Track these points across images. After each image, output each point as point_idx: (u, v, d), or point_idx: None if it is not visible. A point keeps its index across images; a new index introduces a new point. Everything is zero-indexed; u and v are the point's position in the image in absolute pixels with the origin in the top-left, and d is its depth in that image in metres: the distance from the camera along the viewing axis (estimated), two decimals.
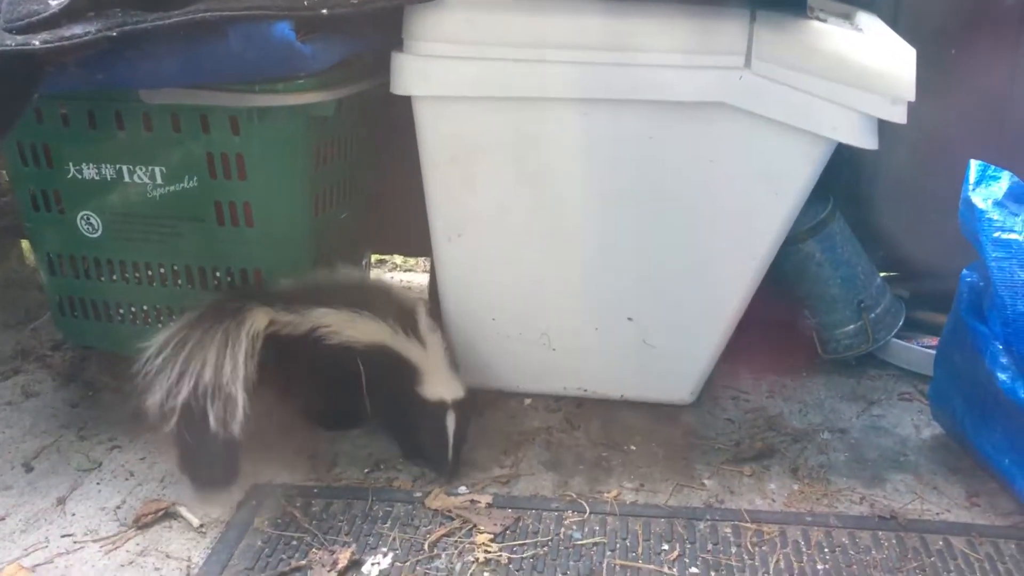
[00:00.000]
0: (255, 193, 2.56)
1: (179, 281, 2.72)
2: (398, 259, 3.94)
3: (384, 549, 2.14)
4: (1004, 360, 2.08)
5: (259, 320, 2.33)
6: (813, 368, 2.98)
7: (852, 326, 2.93)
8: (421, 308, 2.52)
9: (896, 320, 2.98)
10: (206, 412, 2.15)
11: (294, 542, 2.16)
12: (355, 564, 2.09)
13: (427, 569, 2.08)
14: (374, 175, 3.01)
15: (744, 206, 2.49)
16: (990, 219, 2.04)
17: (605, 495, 2.35)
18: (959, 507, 2.30)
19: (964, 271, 2.32)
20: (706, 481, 2.42)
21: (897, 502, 2.33)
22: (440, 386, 2.39)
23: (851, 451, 2.55)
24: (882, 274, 3.19)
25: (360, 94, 2.65)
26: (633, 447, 2.58)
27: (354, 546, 2.13)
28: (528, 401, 2.80)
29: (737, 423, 2.69)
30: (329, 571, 2.07)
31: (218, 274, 2.68)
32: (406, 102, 2.48)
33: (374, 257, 3.98)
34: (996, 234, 2.03)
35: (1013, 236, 2.01)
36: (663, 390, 2.77)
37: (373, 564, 2.10)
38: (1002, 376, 2.08)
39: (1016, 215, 2.03)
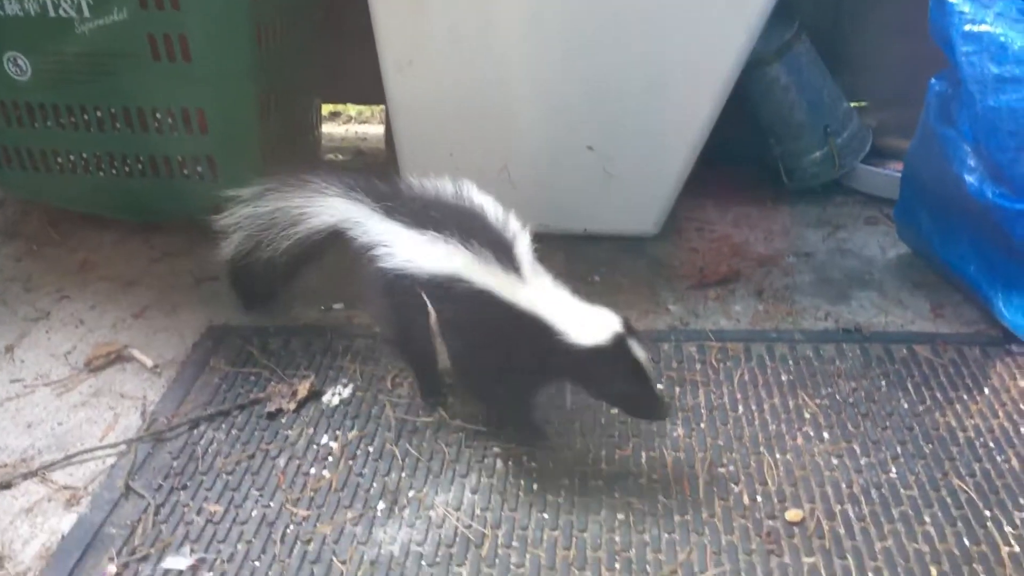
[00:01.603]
0: (191, 24, 2.40)
1: (117, 125, 2.58)
2: (352, 110, 3.80)
3: (345, 380, 2.10)
4: (972, 162, 2.03)
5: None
6: (780, 198, 2.93)
7: (818, 152, 2.87)
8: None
9: (863, 145, 2.91)
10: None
11: (252, 377, 2.12)
12: (316, 395, 2.06)
13: (390, 398, 2.04)
14: (324, 12, 2.85)
15: (704, 21, 2.37)
16: (960, 12, 1.95)
17: None
18: (923, 319, 2.30)
19: (932, 80, 2.25)
20: (671, 307, 2.39)
21: (862, 316, 2.32)
22: (593, 320, 1.73)
23: (816, 273, 2.52)
24: (851, 104, 3.12)
25: None
26: (597, 278, 2.53)
27: (314, 378, 2.08)
28: None
29: (702, 252, 2.65)
30: (289, 402, 2.03)
31: (158, 115, 2.54)
32: None
33: (327, 109, 3.84)
34: (967, 27, 1.94)
35: (984, 28, 1.92)
36: (627, 222, 2.71)
37: (334, 394, 2.06)
38: (969, 179, 2.03)
39: (987, 7, 1.94)
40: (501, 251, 1.79)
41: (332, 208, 2.02)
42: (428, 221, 1.85)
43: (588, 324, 1.71)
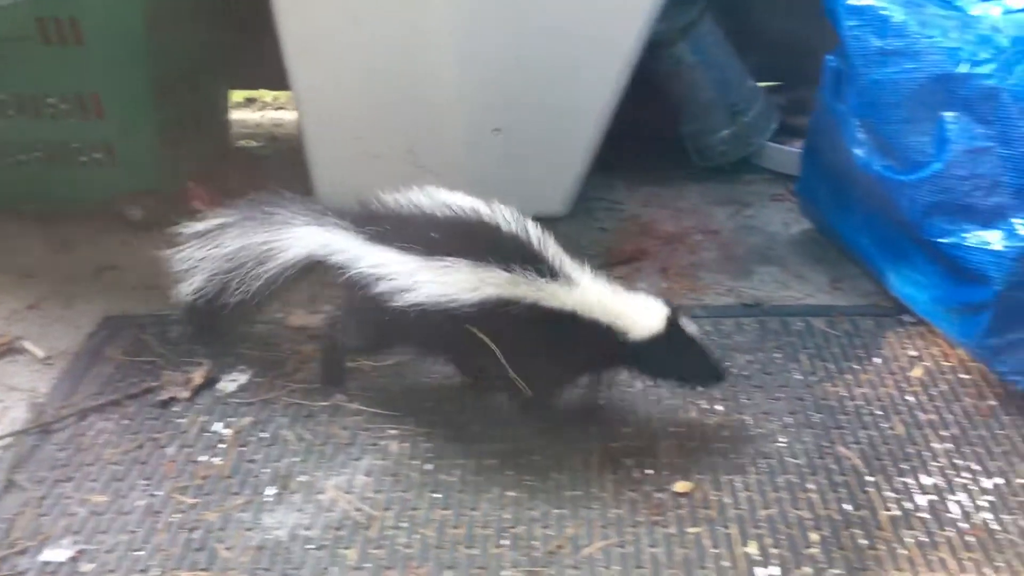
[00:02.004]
0: (82, 6, 2.35)
1: (10, 112, 2.51)
2: (268, 96, 3.74)
3: (243, 367, 2.07)
4: (860, 136, 2.06)
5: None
6: (689, 176, 2.95)
7: (726, 131, 2.89)
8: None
9: (770, 124, 2.95)
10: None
11: (147, 367, 2.08)
12: (211, 382, 2.02)
13: (287, 382, 2.02)
14: None
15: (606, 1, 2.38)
16: None
17: None
18: (822, 292, 2.33)
19: (828, 56, 2.27)
20: None
21: (763, 291, 2.35)
22: (643, 309, 1.76)
23: (721, 250, 2.55)
24: (759, 84, 3.16)
25: None
26: None
27: (210, 365, 2.05)
28: None
29: (611, 231, 2.66)
30: (183, 390, 1.99)
31: (51, 101, 2.48)
32: None
33: (241, 95, 3.77)
34: (851, 1, 1.97)
35: (867, 3, 1.95)
36: (536, 203, 2.63)
37: (231, 381, 2.03)
38: (859, 152, 2.07)
39: None
40: (529, 258, 1.73)
41: (305, 239, 1.87)
42: (435, 245, 1.72)
43: (641, 315, 1.74)
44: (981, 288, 1.82)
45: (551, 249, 1.77)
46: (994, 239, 1.79)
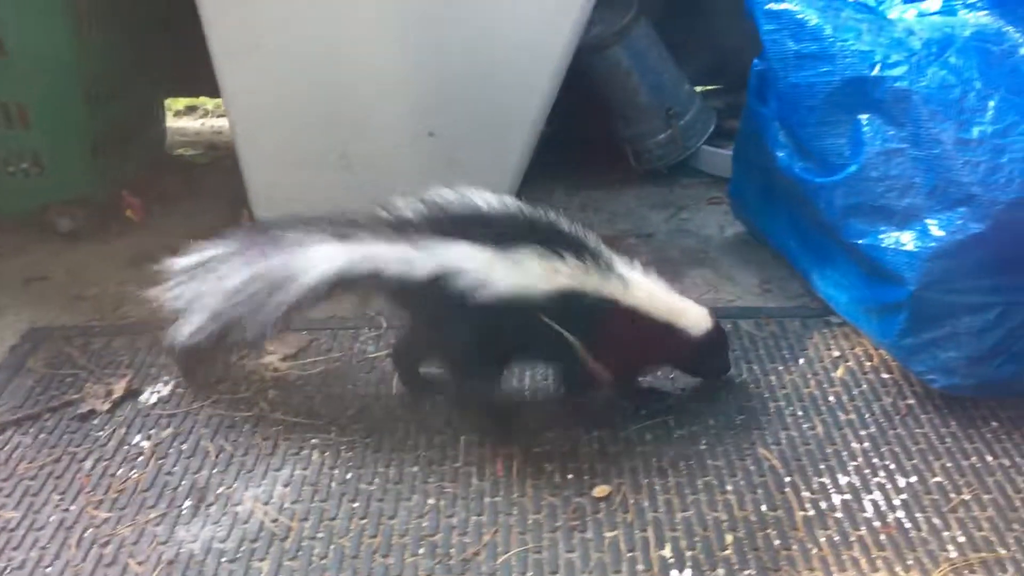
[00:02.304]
0: (3, 15, 2.32)
1: None
2: (210, 104, 3.71)
3: (166, 378, 2.05)
4: (781, 138, 2.08)
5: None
6: (627, 180, 2.96)
7: (663, 135, 2.91)
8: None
9: (706, 127, 2.96)
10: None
11: (69, 379, 2.05)
12: (133, 393, 2.00)
13: (210, 393, 2.00)
14: (163, 4, 2.77)
15: (535, 3, 2.38)
16: None
17: None
18: (752, 294, 2.35)
19: (755, 60, 2.29)
20: None
21: (694, 293, 2.34)
22: (692, 309, 1.87)
23: (655, 252, 2.55)
24: (698, 88, 3.18)
25: None
26: None
27: (132, 377, 2.03)
28: None
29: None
30: (103, 402, 1.97)
31: None
32: None
33: (182, 103, 3.75)
34: (769, 6, 1.99)
35: (784, 7, 1.97)
36: None
37: (153, 392, 2.01)
38: (780, 154, 2.08)
39: None
40: (590, 255, 1.75)
41: (330, 256, 1.74)
42: (502, 238, 1.70)
43: (693, 314, 1.85)
44: (897, 288, 1.83)
45: (601, 246, 1.80)
46: (908, 240, 1.81)
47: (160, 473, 1.78)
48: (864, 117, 1.87)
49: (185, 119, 3.70)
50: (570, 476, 1.76)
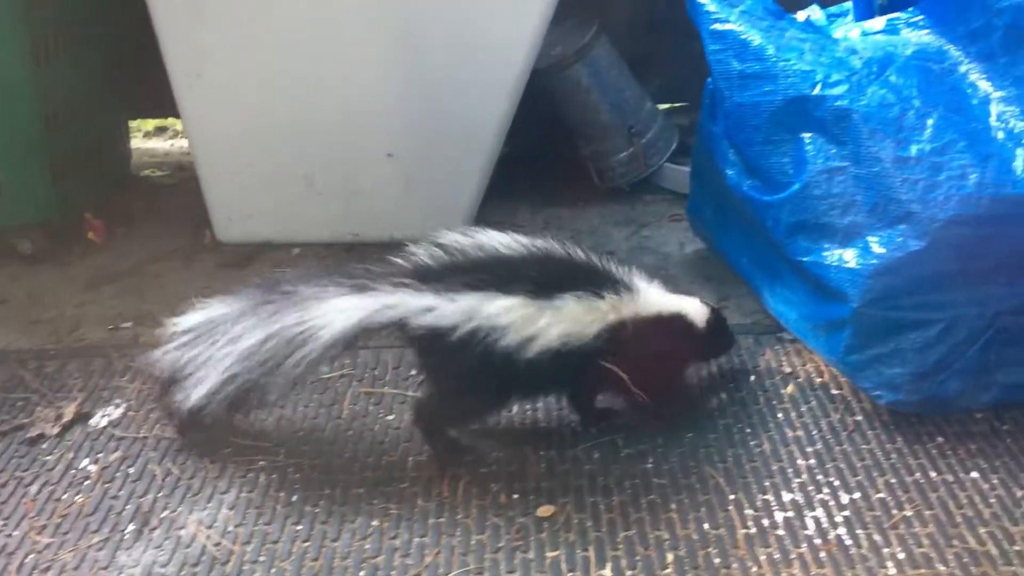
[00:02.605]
0: None
1: None
2: (178, 124, 3.71)
3: (118, 401, 2.05)
4: (731, 156, 2.09)
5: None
6: (591, 198, 2.98)
7: (624, 153, 2.92)
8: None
9: (669, 144, 2.98)
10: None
11: (20, 402, 2.05)
12: (84, 416, 2.00)
13: (161, 416, 1.99)
14: (124, 26, 2.79)
15: (489, 25, 2.41)
16: (708, 12, 2.01)
17: None
18: None
19: (708, 79, 2.30)
20: None
21: None
22: (686, 301, 1.95)
23: None
24: (662, 106, 3.21)
25: None
26: None
27: (84, 400, 2.03)
28: (296, 251, 2.71)
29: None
30: (53, 426, 1.97)
31: None
32: None
33: (151, 124, 3.76)
34: (714, 26, 2.01)
35: (728, 27, 1.99)
36: (432, 228, 2.69)
37: (103, 416, 2.01)
38: (730, 172, 2.10)
39: (733, 6, 2.01)
40: (616, 281, 1.80)
41: (349, 309, 1.70)
42: (538, 284, 1.71)
43: (692, 306, 1.93)
44: (841, 305, 1.84)
45: (610, 265, 1.85)
46: (850, 257, 1.82)
47: (105, 497, 1.78)
48: (807, 136, 1.89)
49: (155, 140, 3.71)
50: (515, 496, 1.76)
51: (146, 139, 3.72)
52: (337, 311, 1.70)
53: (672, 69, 3.19)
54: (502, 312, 1.69)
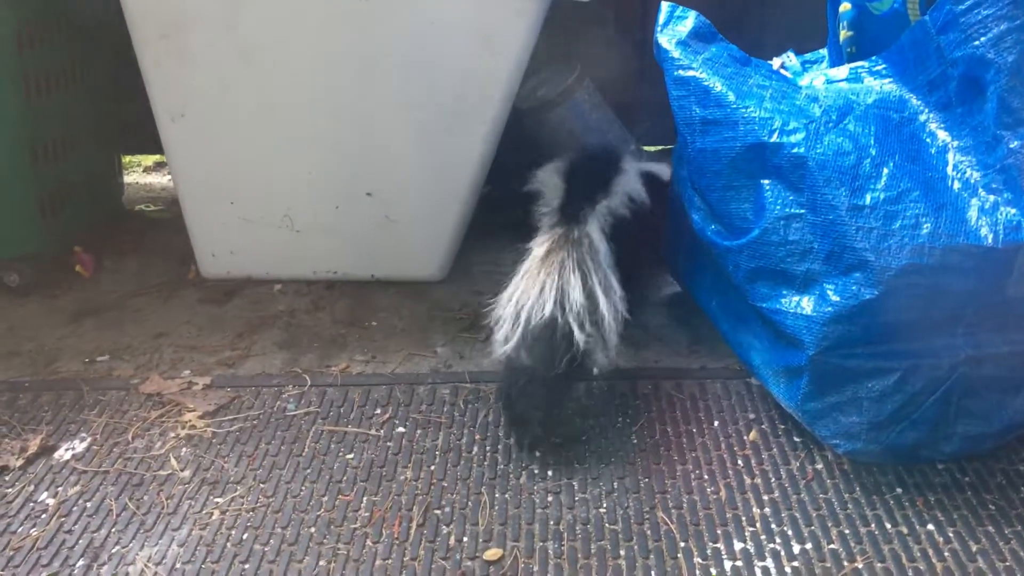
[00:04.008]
0: None
1: None
2: None
3: (84, 434, 2.07)
4: (696, 201, 2.10)
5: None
6: None
7: None
8: None
9: None
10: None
11: None
12: (48, 450, 2.02)
13: (124, 450, 2.01)
14: (120, 57, 2.85)
15: (467, 68, 2.44)
16: (673, 58, 2.03)
17: (332, 368, 2.32)
18: (678, 355, 2.35)
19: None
20: (439, 349, 2.41)
21: (623, 355, 2.35)
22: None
23: None
24: (657, 148, 3.23)
25: None
26: (375, 323, 2.54)
27: (49, 433, 2.05)
28: (278, 287, 2.73)
29: (486, 294, 2.66)
30: (18, 458, 1.99)
31: None
32: None
33: (151, 159, 3.82)
34: (677, 72, 2.02)
35: (691, 74, 2.00)
36: (412, 267, 2.74)
37: (68, 449, 2.02)
38: (695, 217, 2.10)
39: (699, 53, 2.02)
40: None
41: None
42: None
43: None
44: (798, 352, 1.84)
45: None
46: (807, 304, 1.82)
47: (60, 531, 1.79)
48: (766, 182, 1.89)
49: (154, 175, 3.77)
50: (466, 538, 1.76)
51: (145, 174, 3.78)
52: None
53: (659, 112, 3.20)
54: None
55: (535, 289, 1.92)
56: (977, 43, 1.71)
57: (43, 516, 1.83)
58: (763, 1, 3.13)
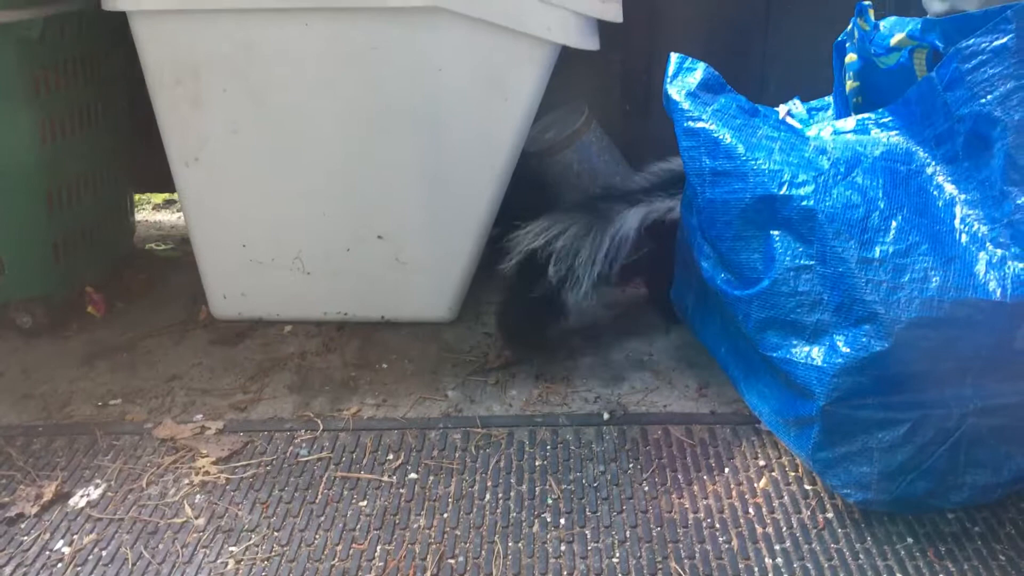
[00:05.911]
0: None
1: None
2: None
3: (98, 481, 2.08)
4: (706, 249, 2.12)
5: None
6: None
7: None
8: None
9: None
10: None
11: (3, 480, 2.09)
12: (63, 496, 2.03)
13: (139, 497, 2.03)
14: (129, 100, 2.89)
15: (477, 114, 2.48)
16: (682, 109, 2.06)
17: (344, 412, 2.33)
18: (687, 399, 2.36)
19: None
20: (449, 392, 2.42)
21: (631, 397, 2.37)
22: None
23: (599, 354, 2.58)
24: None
25: (80, 13, 2.53)
26: (385, 365, 2.56)
27: (64, 479, 2.06)
28: (288, 328, 2.75)
29: (495, 336, 2.69)
30: (33, 505, 2.00)
31: None
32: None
33: (160, 197, 3.86)
34: (687, 123, 2.05)
35: (701, 125, 2.03)
36: (422, 309, 2.76)
37: (83, 496, 2.04)
38: (705, 265, 2.12)
39: (708, 104, 2.05)
40: None
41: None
42: None
43: None
44: (808, 402, 1.85)
45: None
46: (817, 355, 1.83)
47: None
48: (776, 233, 1.91)
49: (163, 212, 3.80)
50: None
51: (155, 211, 3.81)
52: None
53: (667, 155, 3.23)
54: None
55: (539, 226, 2.40)
56: (984, 101, 1.74)
57: (59, 565, 1.84)
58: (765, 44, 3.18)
